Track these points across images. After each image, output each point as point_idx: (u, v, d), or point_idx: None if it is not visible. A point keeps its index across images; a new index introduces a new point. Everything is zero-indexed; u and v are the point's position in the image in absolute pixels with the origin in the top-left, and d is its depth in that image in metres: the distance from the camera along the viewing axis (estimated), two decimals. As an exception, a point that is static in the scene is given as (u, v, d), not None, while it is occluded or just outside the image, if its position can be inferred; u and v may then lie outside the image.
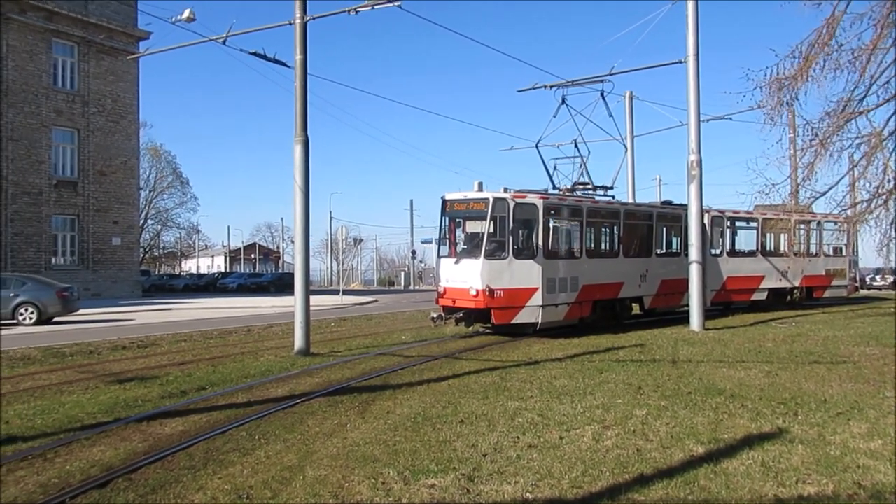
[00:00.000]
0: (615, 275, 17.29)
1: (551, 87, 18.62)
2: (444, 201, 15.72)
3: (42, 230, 32.64)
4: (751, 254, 22.36)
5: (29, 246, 32.07)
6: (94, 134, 34.84)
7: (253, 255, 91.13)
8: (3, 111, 31.22)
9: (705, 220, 18.59)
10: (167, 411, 8.08)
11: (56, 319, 21.38)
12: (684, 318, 17.29)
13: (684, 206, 17.87)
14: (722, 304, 21.62)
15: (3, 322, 20.11)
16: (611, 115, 18.84)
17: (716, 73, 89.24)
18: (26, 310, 20.44)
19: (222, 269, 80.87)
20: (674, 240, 20.11)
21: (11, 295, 20.54)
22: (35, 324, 20.25)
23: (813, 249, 24.33)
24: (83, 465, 5.96)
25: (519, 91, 20.89)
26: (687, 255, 17.23)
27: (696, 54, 16.54)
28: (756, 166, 14.99)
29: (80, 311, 22.66)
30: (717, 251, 21.11)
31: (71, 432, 7.11)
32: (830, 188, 14.57)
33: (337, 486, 5.33)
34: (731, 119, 25.29)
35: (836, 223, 23.98)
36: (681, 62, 16.93)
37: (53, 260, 33.35)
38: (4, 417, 7.89)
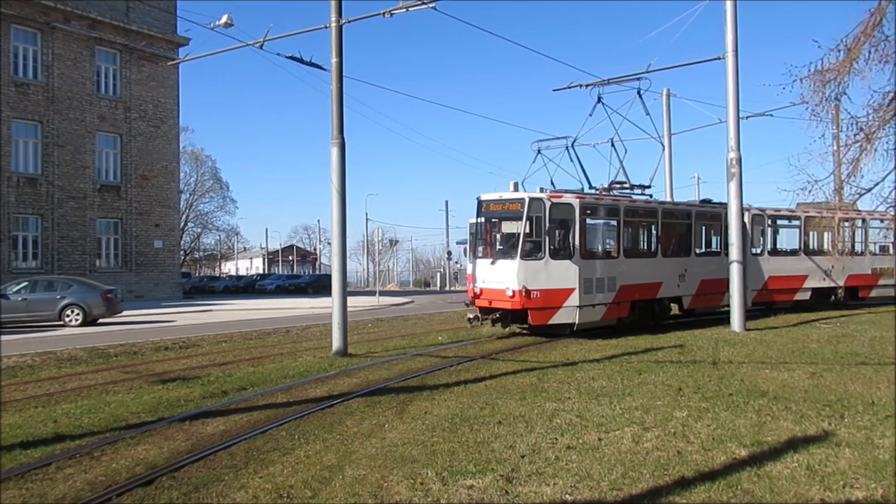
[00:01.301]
0: (653, 275, 17.08)
1: (587, 85, 18.44)
2: (480, 202, 15.70)
3: (87, 233, 33.47)
4: (793, 253, 21.88)
5: (74, 249, 32.92)
6: (136, 139, 35.63)
7: (290, 257, 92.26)
8: (49, 118, 32.14)
9: (745, 219, 18.26)
10: (209, 411, 8.21)
11: (101, 321, 21.89)
12: (724, 319, 17.00)
13: (724, 205, 17.57)
14: (763, 305, 21.20)
15: (51, 323, 20.67)
16: (648, 114, 18.60)
17: (755, 70, 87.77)
18: (72, 311, 20.97)
19: (261, 271, 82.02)
20: (713, 239, 19.79)
21: (58, 297, 21.10)
22: (81, 325, 20.76)
23: (858, 248, 23.69)
24: (129, 464, 6.09)
25: (554, 90, 20.80)
26: (727, 255, 16.94)
27: (735, 50, 16.25)
28: (798, 163, 14.58)
29: (124, 313, 23.19)
30: (758, 250, 20.71)
31: (116, 431, 7.29)
32: (876, 185, 14.14)
33: (376, 486, 5.36)
34: (771, 115, 24.82)
35: (882, 220, 23.35)
36: (719, 58, 16.65)
37: (98, 262, 34.16)
38: (53, 416, 8.11)
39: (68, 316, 20.91)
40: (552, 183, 17.01)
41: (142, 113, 35.85)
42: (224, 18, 15.46)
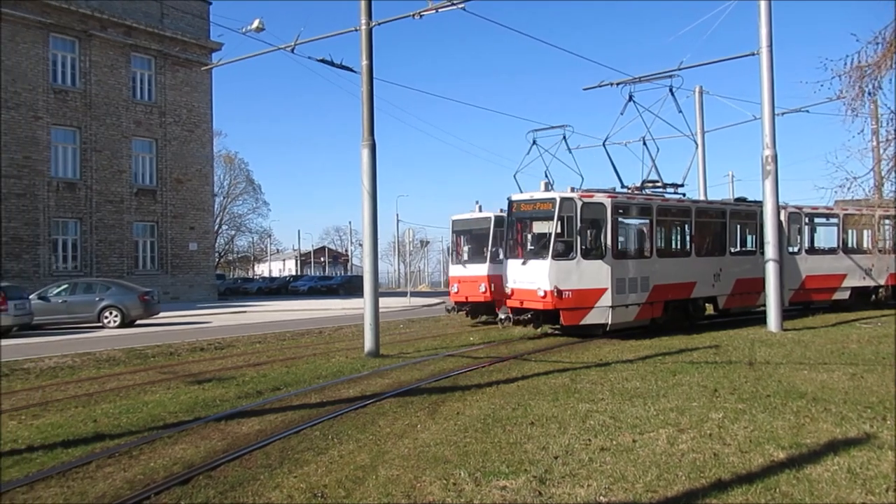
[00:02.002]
0: (687, 274, 16.87)
1: (618, 84, 18.26)
2: (511, 202, 15.67)
3: (124, 237, 34.10)
4: (831, 251, 21.46)
5: (112, 252, 33.56)
6: (171, 143, 36.22)
7: (322, 259, 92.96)
8: (87, 123, 32.84)
9: (781, 217, 17.94)
10: (244, 411, 8.31)
11: (138, 322, 22.27)
12: (761, 319, 16.71)
13: (759, 203, 17.29)
14: (801, 304, 20.82)
15: (90, 325, 21.10)
16: (680, 111, 18.34)
17: (788, 67, 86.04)
18: (111, 313, 21.37)
19: (293, 273, 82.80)
20: (749, 238, 19.50)
21: (97, 299, 21.54)
22: (119, 326, 21.14)
23: (900, 246, 23.13)
24: (166, 463, 6.19)
25: (585, 89, 20.86)
26: (763, 254, 16.67)
27: (770, 46, 15.97)
28: (835, 160, 14.31)
29: (161, 314, 23.58)
30: (795, 249, 20.37)
31: (154, 430, 7.41)
32: (918, 181, 13.81)
33: (409, 486, 5.38)
34: (807, 111, 24.32)
35: (925, 218, 22.75)
36: (753, 54, 16.39)
37: (135, 265, 34.78)
38: (93, 416, 8.28)
39: (107, 317, 21.32)
40: (546, 174, 16.91)
41: (176, 118, 36.45)
42: (256, 23, 15.64)
